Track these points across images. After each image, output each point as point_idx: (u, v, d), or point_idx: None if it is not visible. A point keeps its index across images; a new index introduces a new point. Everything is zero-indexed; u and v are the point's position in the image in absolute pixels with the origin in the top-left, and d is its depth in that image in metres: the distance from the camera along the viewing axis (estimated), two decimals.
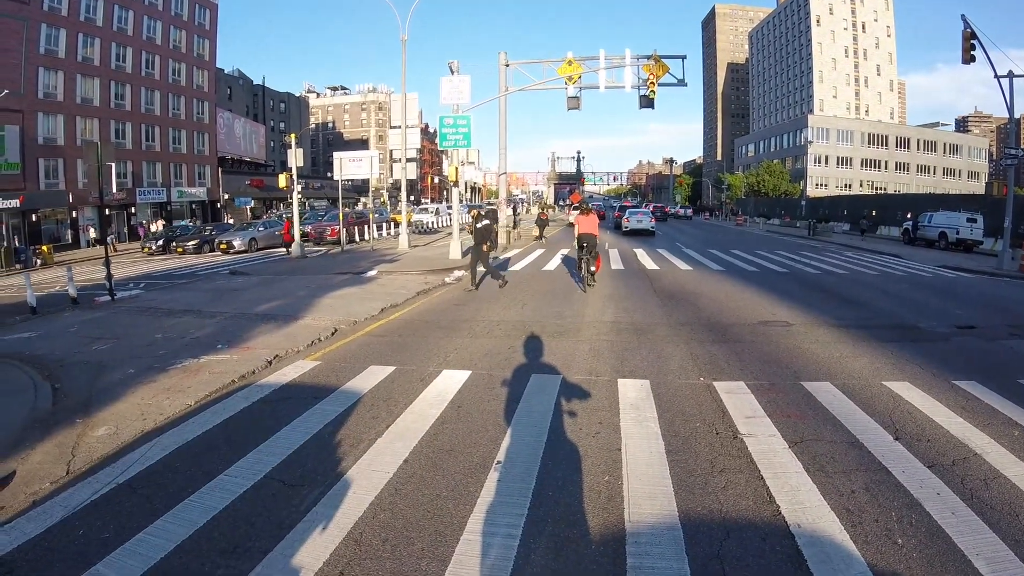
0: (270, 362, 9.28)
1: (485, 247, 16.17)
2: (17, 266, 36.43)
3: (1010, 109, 27.04)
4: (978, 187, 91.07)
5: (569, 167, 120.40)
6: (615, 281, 17.78)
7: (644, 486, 4.91)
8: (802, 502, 4.76)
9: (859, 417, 6.74)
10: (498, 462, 5.36)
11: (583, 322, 11.71)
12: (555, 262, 23.09)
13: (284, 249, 31.64)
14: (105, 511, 5.00)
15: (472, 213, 18.55)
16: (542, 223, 36.60)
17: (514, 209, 43.97)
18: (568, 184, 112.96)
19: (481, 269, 16.48)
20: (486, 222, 16.73)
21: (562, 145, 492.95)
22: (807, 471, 5.30)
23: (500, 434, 6.02)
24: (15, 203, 43.87)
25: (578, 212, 17.66)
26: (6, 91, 38.08)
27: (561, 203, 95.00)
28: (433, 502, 4.78)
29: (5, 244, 39.87)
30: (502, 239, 30.39)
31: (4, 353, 10.93)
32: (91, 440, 6.60)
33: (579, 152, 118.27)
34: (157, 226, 50.05)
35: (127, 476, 5.60)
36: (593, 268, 16.40)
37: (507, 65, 30.77)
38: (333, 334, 11.10)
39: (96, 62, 53.48)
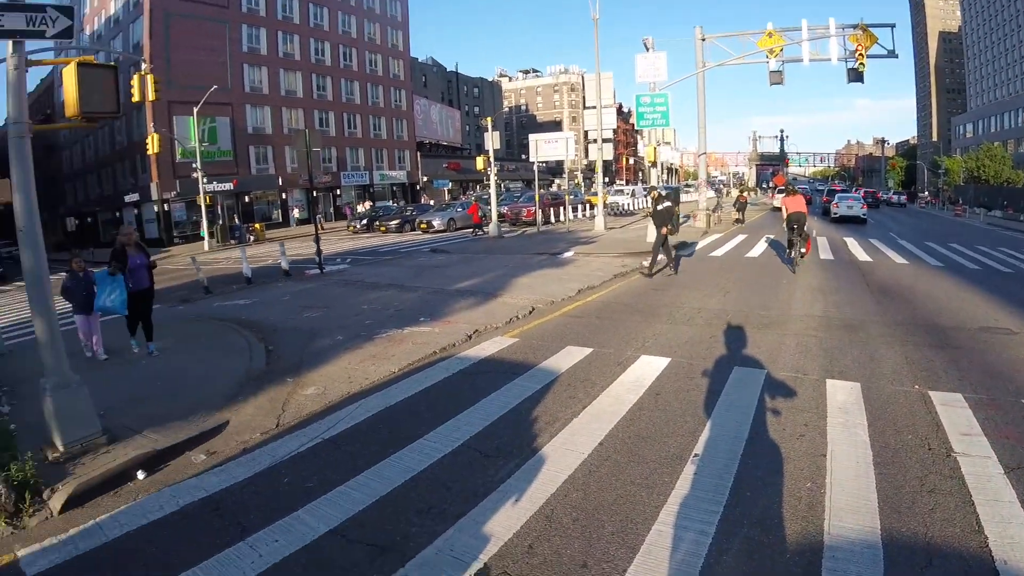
0: (470, 336, 9.78)
1: (665, 230, 15.64)
2: (232, 242, 40.58)
3: None
4: None
5: (771, 147, 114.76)
6: (824, 272, 16.78)
7: (847, 498, 4.71)
8: (1012, 536, 4.35)
9: None
10: (695, 455, 5.35)
11: (790, 314, 11.20)
12: (759, 248, 22.18)
13: (472, 230, 32.77)
14: (310, 463, 5.55)
15: (652, 195, 18.03)
16: (741, 205, 35.83)
17: (717, 191, 42.90)
18: (771, 165, 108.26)
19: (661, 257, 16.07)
20: (667, 204, 16.16)
21: (764, 123, 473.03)
22: (1021, 502, 4.82)
23: (699, 426, 5.99)
24: (229, 186, 48.98)
25: (784, 194, 18.15)
26: (215, 86, 42.22)
27: (764, 186, 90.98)
28: (626, 488, 4.87)
29: (221, 222, 44.48)
30: (702, 223, 29.84)
31: (223, 317, 12.31)
32: (300, 398, 7.32)
33: (782, 131, 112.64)
34: (364, 207, 53.41)
35: (332, 433, 6.17)
36: (803, 250, 16.48)
37: (703, 40, 29.92)
38: (530, 313, 11.46)
39: (296, 57, 58.31)
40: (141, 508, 5.04)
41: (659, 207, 15.97)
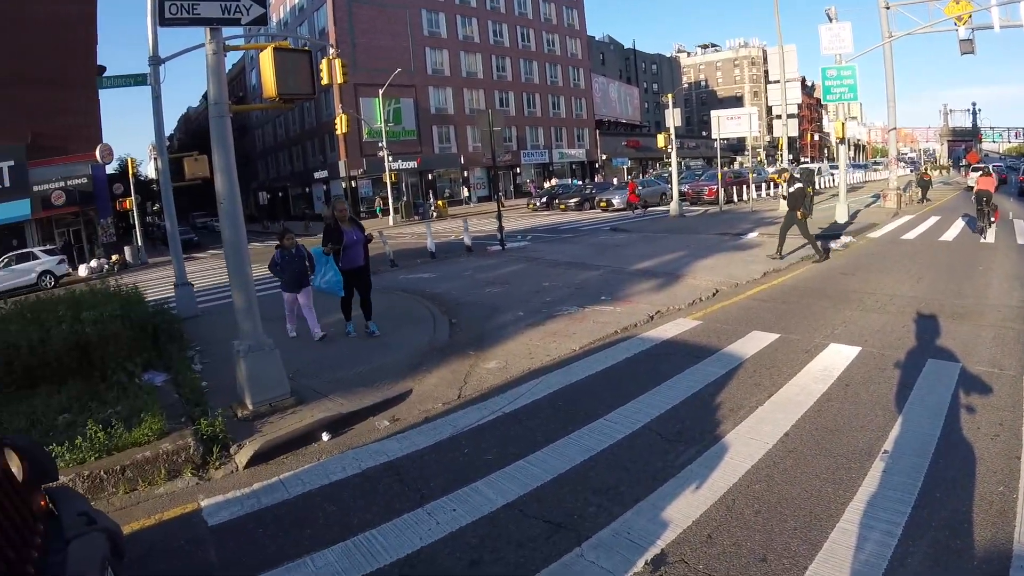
0: (651, 317, 9.83)
1: (799, 213, 14.97)
2: (416, 217, 42.57)
3: None
4: None
5: (963, 121, 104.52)
6: (1021, 258, 15.32)
7: None
8: None
9: None
10: (885, 451, 5.17)
11: (986, 304, 10.39)
12: (953, 231, 20.54)
13: (629, 210, 32.45)
14: (490, 435, 5.82)
15: (783, 176, 17.12)
16: (924, 184, 34.57)
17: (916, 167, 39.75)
18: (963, 141, 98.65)
19: (802, 240, 15.40)
20: (799, 185, 15.55)
21: (954, 96, 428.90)
22: None
23: (889, 421, 5.76)
24: (413, 164, 51.51)
25: (979, 174, 19.28)
26: (399, 69, 44.32)
27: (959, 163, 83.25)
28: (811, 482, 4.77)
29: (406, 198, 46.75)
30: (892, 203, 27.97)
31: (409, 289, 13.04)
32: (482, 371, 7.66)
33: (974, 104, 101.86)
34: (552, 183, 54.34)
35: (513, 407, 6.43)
36: (992, 218, 18.80)
37: (887, 7, 28.00)
38: (714, 295, 11.35)
39: (476, 39, 59.95)
40: (324, 469, 5.41)
41: (791, 189, 15.45)
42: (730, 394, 6.57)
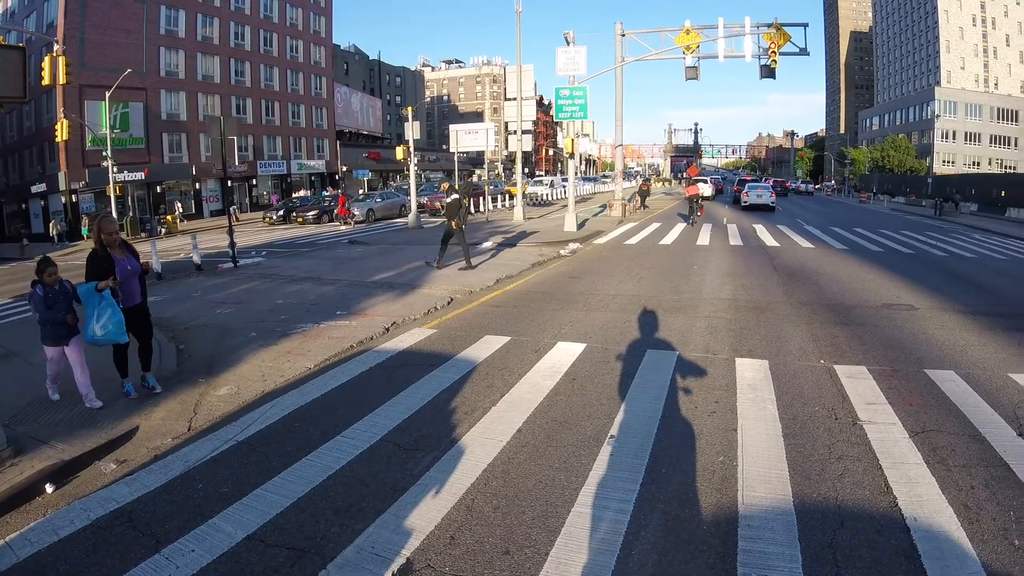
0: (387, 329, 9.63)
1: (454, 224, 15.27)
2: (143, 235, 38.95)
3: None
4: None
5: (686, 139, 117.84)
6: (733, 257, 17.40)
7: (759, 469, 4.88)
8: (920, 495, 4.63)
9: (983, 409, 6.43)
10: (611, 436, 5.41)
11: (700, 298, 11.56)
12: (672, 236, 22.76)
13: (342, 224, 32.80)
14: (225, 467, 5.33)
15: (443, 186, 17.68)
16: (643, 193, 38.89)
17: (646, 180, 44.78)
18: (685, 157, 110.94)
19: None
20: (455, 196, 15.77)
21: (679, 117, 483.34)
22: (927, 463, 5.14)
23: (614, 408, 6.06)
24: (140, 175, 46.87)
25: (686, 184, 24.33)
26: (129, 70, 40.42)
27: (680, 176, 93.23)
28: (545, 472, 4.88)
29: (132, 214, 42.61)
30: (617, 212, 30.54)
31: None
32: (213, 399, 7.03)
33: (696, 124, 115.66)
34: (299, 195, 52.31)
35: (247, 434, 5.95)
36: (699, 213, 25.99)
37: (623, 35, 30.44)
38: (449, 303, 11.38)
39: (216, 41, 56.27)
40: (51, 524, 4.71)
41: (448, 200, 15.77)
42: (465, 398, 6.58)
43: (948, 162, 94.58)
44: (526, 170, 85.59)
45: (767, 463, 4.98)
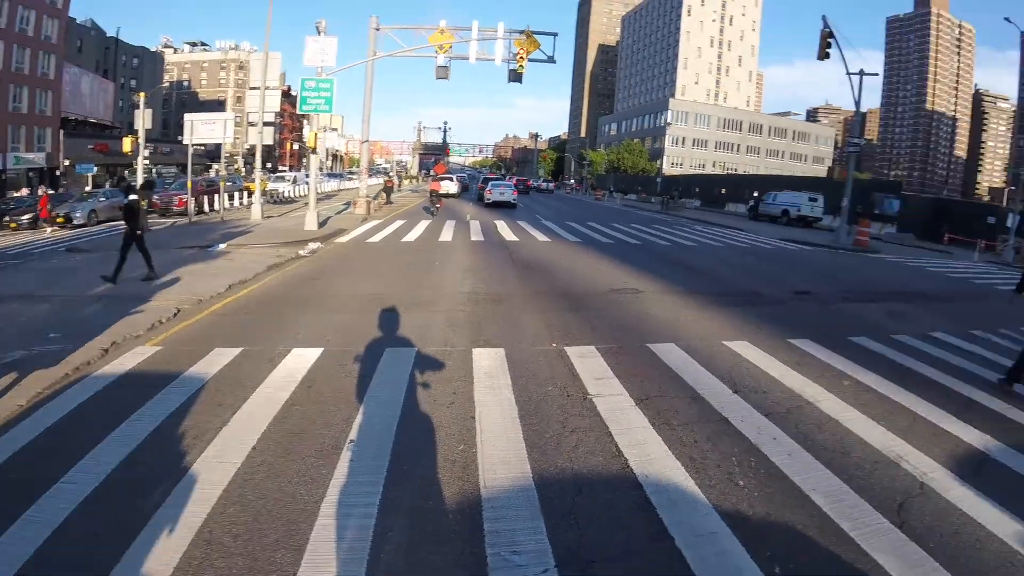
0: (106, 350, 8.56)
1: (133, 228, 13.16)
2: None
3: (857, 103, 29.67)
4: (822, 171, 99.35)
5: (436, 137, 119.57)
6: (475, 253, 17.75)
7: (498, 452, 4.96)
8: (649, 454, 5.00)
9: (701, 374, 7.18)
10: (351, 441, 5.19)
11: (441, 293, 11.62)
12: (416, 233, 22.79)
13: (42, 227, 29.55)
14: None
15: (121, 185, 16.16)
16: (388, 190, 39.57)
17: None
18: (433, 154, 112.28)
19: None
20: (133, 197, 13.34)
21: (429, 115, 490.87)
22: (653, 425, 5.59)
23: (353, 412, 5.82)
24: None
25: (432, 180, 25.06)
26: None
27: (427, 173, 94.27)
28: (285, 489, 4.53)
29: None
30: (362, 210, 30.02)
31: None
32: None
33: (446, 123, 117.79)
34: (17, 194, 44.96)
35: None
36: (439, 205, 30.06)
37: (377, 29, 30.18)
38: (175, 315, 10.37)
39: None
40: None
41: (127, 199, 13.55)
42: (195, 420, 5.95)
43: (677, 164, 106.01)
44: (268, 165, 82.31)
45: (506, 445, 5.08)
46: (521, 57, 27.41)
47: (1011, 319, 11.58)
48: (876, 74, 32.74)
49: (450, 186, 50.54)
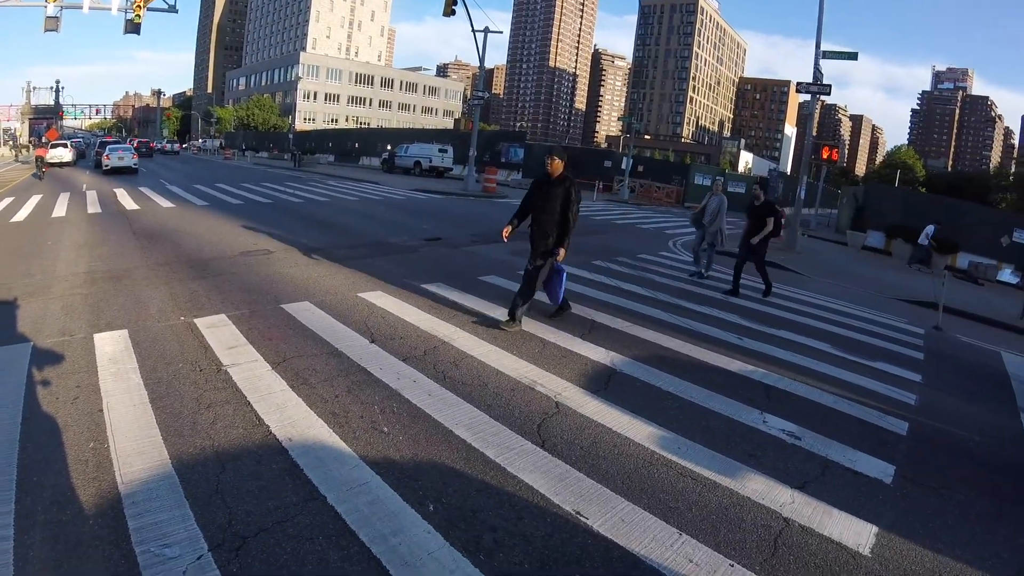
0: None
1: None
2: None
3: (481, 59, 32.22)
4: (451, 124, 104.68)
5: (47, 99, 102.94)
6: (91, 226, 16.17)
7: (132, 443, 4.72)
8: (291, 417, 5.13)
9: (338, 328, 7.47)
10: None
11: (55, 277, 10.38)
12: (26, 211, 19.93)
13: None
14: None
15: None
16: None
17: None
18: (45, 119, 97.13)
19: None
20: None
21: (40, 74, 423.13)
22: (292, 387, 5.71)
23: None
24: None
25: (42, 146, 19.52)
26: None
27: (40, 140, 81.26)
28: None
29: None
30: None
31: None
32: None
33: (58, 82, 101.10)
34: None
35: None
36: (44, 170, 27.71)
37: None
38: None
39: None
40: None
41: None
42: None
43: (309, 120, 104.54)
44: None
45: (139, 434, 4.86)
46: (139, 6, 25.30)
47: (625, 250, 13.54)
48: (501, 32, 35.52)
49: (64, 154, 45.14)
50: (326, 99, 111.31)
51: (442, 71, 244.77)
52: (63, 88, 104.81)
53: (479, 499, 4.09)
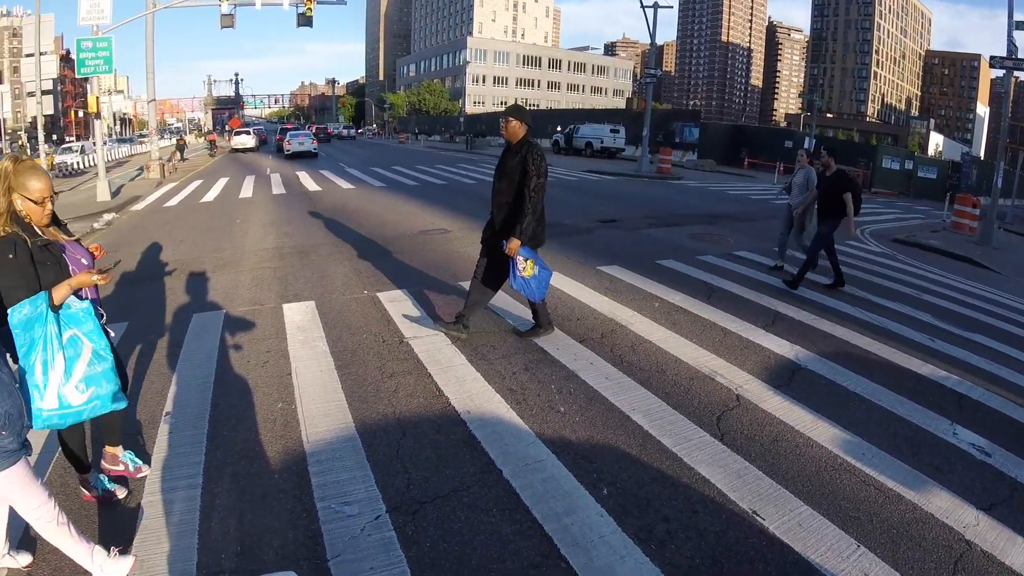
0: None
1: None
2: None
3: (652, 35, 31.01)
4: (622, 103, 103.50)
5: (227, 91, 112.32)
6: (277, 206, 17.31)
7: (318, 405, 4.94)
8: (469, 391, 5.17)
9: (515, 307, 7.44)
10: (167, 413, 4.95)
11: (244, 251, 11.19)
12: (215, 192, 21.72)
13: None
14: None
15: None
16: (181, 147, 39.98)
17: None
18: (227, 109, 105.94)
19: None
20: None
21: (219, 68, 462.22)
22: (470, 362, 5.77)
23: (165, 384, 5.51)
24: None
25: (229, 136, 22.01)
26: None
27: (223, 129, 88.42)
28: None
29: None
30: (156, 174, 27.99)
31: None
32: None
33: (237, 75, 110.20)
34: None
35: None
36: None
37: None
38: None
39: None
40: None
41: None
42: None
43: (479, 103, 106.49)
44: (54, 137, 74.51)
45: (325, 397, 5.08)
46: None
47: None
48: (671, 7, 34.11)
49: (247, 140, 48.98)
50: (495, 82, 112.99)
51: (609, 50, 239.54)
52: (242, 80, 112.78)
53: (654, 488, 3.95)
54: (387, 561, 3.27)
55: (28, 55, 28.66)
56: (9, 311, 3.04)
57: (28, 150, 52.89)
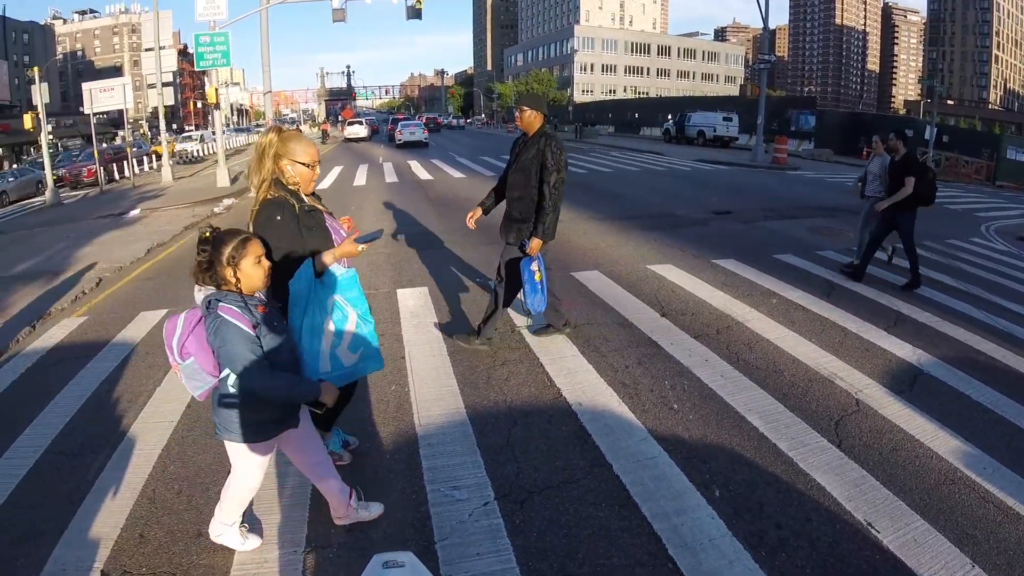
0: (33, 326, 8.24)
1: None
2: None
3: (764, 20, 29.90)
4: (734, 90, 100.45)
5: (339, 82, 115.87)
6: (390, 194, 17.68)
7: (431, 390, 5.03)
8: (581, 383, 5.12)
9: (627, 299, 7.34)
10: None
11: None
12: (329, 180, 22.53)
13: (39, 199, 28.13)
14: None
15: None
16: (324, 134, 42.60)
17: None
18: (339, 100, 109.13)
19: None
20: None
21: (331, 60, 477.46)
22: (583, 353, 5.71)
23: None
24: None
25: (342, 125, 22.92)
26: None
27: (336, 120, 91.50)
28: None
29: None
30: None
31: None
32: None
33: (349, 67, 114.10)
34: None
35: None
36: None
37: None
38: (98, 284, 10.03)
39: None
40: None
41: None
42: (127, 385, 5.82)
43: (587, 92, 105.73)
44: (174, 126, 78.82)
45: (438, 382, 5.17)
46: None
47: (932, 234, 11.93)
48: None
49: (359, 130, 50.32)
50: (603, 70, 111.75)
51: (720, 35, 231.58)
52: (354, 72, 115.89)
53: (767, 492, 3.80)
54: (493, 548, 3.29)
55: (148, 49, 30.31)
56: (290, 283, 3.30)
57: (149, 138, 56.17)
